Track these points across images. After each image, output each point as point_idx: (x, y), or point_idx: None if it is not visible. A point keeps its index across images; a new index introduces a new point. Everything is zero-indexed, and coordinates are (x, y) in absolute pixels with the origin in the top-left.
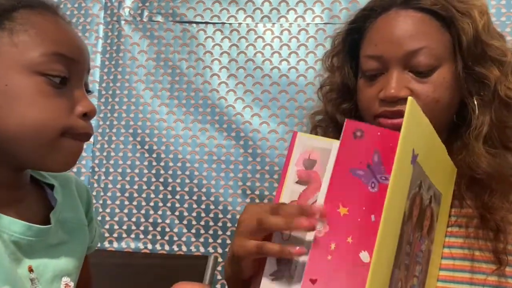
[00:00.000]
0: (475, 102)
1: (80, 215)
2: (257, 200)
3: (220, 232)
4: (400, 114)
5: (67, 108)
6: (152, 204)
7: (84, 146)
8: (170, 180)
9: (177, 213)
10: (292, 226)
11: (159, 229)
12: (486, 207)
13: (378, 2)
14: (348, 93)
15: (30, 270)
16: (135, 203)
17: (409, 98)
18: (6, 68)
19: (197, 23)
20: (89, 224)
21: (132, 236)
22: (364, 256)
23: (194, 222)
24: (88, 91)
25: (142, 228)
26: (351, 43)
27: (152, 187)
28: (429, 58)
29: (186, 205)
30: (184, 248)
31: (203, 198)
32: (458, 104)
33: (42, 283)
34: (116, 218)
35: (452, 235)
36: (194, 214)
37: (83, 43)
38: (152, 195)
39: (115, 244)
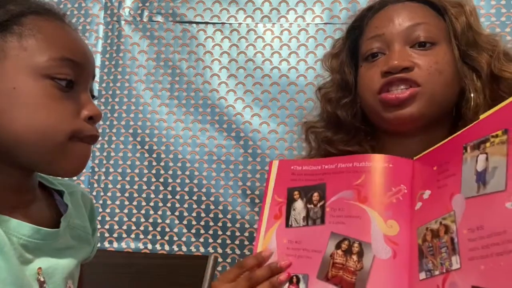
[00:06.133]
0: (471, 86)
1: (86, 224)
2: (257, 200)
3: (220, 232)
4: (404, 83)
5: (73, 112)
6: (152, 204)
7: None
8: (170, 180)
9: (177, 213)
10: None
11: (159, 229)
12: None
13: (375, 0)
14: (347, 88)
15: (39, 272)
16: (135, 203)
17: None
18: (14, 71)
19: (197, 23)
20: (92, 235)
21: (132, 236)
22: None
23: (194, 222)
24: (93, 96)
25: (142, 228)
26: (351, 43)
27: (152, 187)
28: (428, 32)
29: (186, 205)
30: (184, 248)
31: (203, 198)
32: (458, 88)
33: (50, 285)
34: (116, 218)
35: None
36: (194, 214)
37: (88, 49)
38: (152, 195)
39: (115, 244)
